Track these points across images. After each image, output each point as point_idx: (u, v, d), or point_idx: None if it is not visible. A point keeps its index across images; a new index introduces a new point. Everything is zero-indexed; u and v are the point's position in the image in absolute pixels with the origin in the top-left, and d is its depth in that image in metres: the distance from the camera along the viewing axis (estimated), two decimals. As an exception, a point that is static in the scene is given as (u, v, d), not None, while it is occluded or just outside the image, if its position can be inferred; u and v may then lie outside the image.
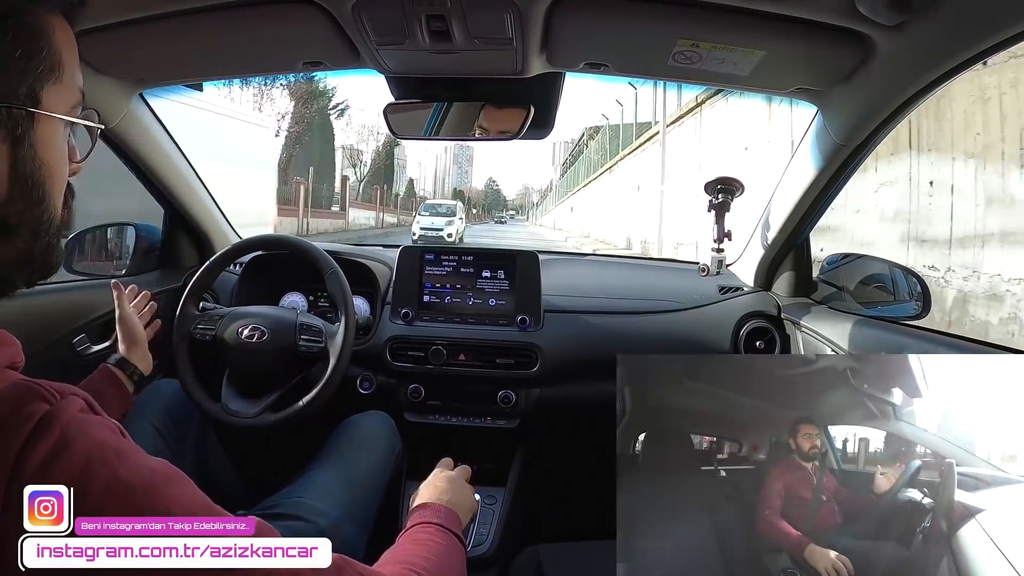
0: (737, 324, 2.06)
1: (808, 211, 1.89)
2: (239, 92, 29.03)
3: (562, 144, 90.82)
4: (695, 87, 13.42)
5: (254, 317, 1.68)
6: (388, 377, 2.03)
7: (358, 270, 2.09)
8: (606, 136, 27.59)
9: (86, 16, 1.33)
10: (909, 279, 1.73)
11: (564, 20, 1.34)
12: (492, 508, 1.85)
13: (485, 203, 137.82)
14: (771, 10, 1.23)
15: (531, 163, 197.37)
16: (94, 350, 1.82)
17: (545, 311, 2.07)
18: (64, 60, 0.74)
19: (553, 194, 74.48)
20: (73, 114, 0.78)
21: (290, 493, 1.44)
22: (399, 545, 1.07)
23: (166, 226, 2.24)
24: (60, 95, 0.74)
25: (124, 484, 0.64)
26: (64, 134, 0.77)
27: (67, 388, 0.68)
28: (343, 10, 1.30)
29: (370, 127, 46.16)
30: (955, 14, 1.10)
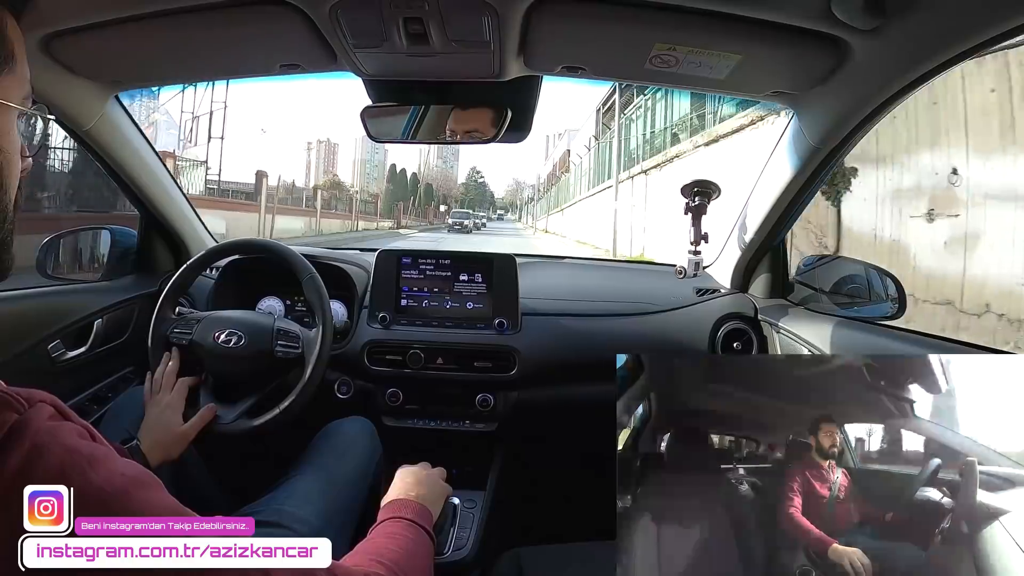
0: (715, 326, 2.07)
1: (784, 213, 1.90)
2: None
3: (555, 136, 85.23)
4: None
5: (231, 322, 1.67)
6: (366, 381, 2.02)
7: (335, 274, 2.09)
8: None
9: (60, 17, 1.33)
10: (884, 279, 1.75)
11: (542, 24, 1.34)
12: (472, 512, 1.85)
13: (467, 199, 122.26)
14: (747, 14, 1.24)
15: (521, 157, 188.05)
16: (69, 356, 1.80)
17: (523, 314, 2.07)
18: (16, 52, 0.75)
19: (567, 186, 44.90)
20: (25, 106, 0.78)
21: (270, 500, 1.43)
22: (369, 538, 1.08)
23: (141, 230, 2.22)
24: (12, 86, 0.75)
25: (98, 490, 0.64)
26: (17, 126, 0.77)
27: (35, 394, 0.67)
28: (320, 12, 1.30)
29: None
30: (930, 19, 1.12)
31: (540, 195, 74.05)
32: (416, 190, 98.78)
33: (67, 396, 1.81)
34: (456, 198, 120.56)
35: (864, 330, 1.66)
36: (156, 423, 1.45)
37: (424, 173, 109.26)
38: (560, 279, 2.39)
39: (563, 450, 2.28)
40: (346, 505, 1.51)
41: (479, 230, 54.79)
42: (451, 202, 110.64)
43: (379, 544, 1.05)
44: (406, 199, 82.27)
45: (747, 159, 13.24)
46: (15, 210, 0.77)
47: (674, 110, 18.95)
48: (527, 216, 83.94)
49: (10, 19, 0.75)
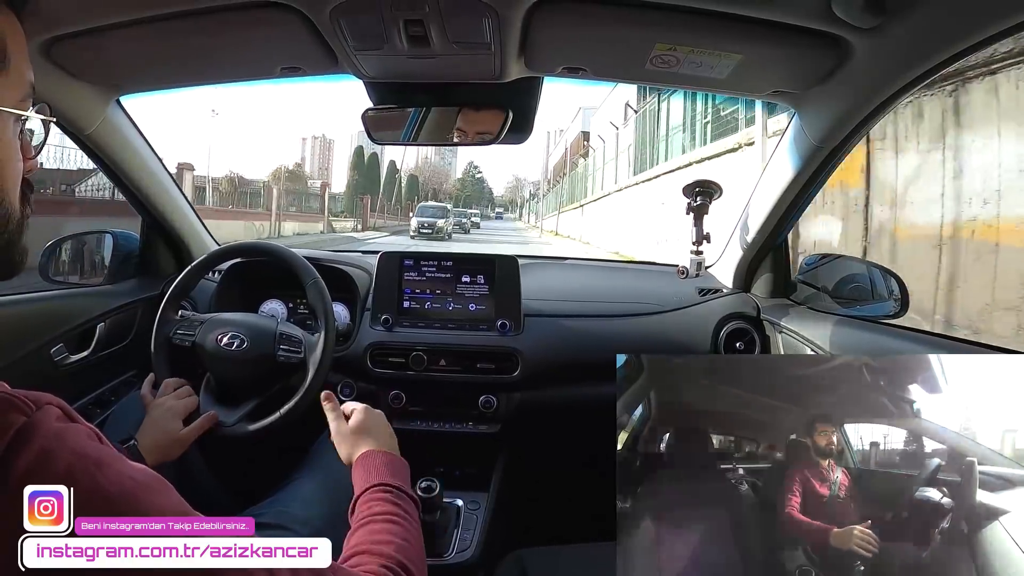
0: (717, 326, 2.07)
1: (786, 212, 1.90)
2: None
3: (557, 133, 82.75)
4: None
5: (233, 325, 1.66)
6: (369, 384, 2.02)
7: (337, 276, 2.09)
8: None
9: (61, 21, 1.34)
10: (887, 278, 1.75)
11: (542, 25, 1.34)
12: (475, 513, 1.84)
13: (463, 195, 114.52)
14: (748, 14, 1.24)
15: (522, 153, 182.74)
16: (72, 360, 1.80)
17: (525, 315, 2.07)
18: (11, 51, 0.73)
19: (582, 177, 35.50)
20: (22, 108, 0.76)
21: (273, 503, 1.43)
22: (360, 522, 1.06)
23: (144, 234, 2.22)
24: (8, 88, 0.73)
25: (106, 493, 0.63)
26: (13, 128, 0.75)
27: (42, 397, 0.67)
28: (321, 16, 1.30)
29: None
30: (930, 17, 1.12)
31: (549, 188, 60.41)
32: (395, 181, 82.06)
33: (70, 400, 1.77)
34: (449, 194, 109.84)
35: (867, 329, 1.66)
36: (155, 426, 1.44)
37: (405, 161, 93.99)
38: (562, 280, 2.40)
39: (566, 451, 2.27)
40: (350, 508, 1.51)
41: (468, 232, 43.35)
42: (443, 198, 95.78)
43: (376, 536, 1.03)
44: (376, 193, 64.08)
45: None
46: (23, 210, 0.77)
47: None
48: (530, 215, 74.85)
49: (5, 20, 0.73)
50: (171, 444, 1.44)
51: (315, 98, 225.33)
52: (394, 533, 1.03)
